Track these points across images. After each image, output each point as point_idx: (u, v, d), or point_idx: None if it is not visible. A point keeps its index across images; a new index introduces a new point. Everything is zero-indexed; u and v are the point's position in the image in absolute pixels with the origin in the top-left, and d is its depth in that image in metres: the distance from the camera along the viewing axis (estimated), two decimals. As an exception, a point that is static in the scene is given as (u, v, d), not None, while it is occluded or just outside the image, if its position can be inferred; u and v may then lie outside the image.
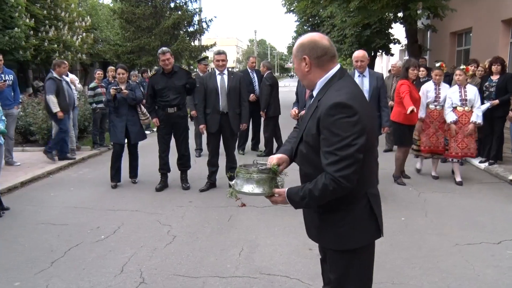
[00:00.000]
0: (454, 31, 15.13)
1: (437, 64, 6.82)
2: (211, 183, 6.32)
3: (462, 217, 4.99)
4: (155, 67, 7.29)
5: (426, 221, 4.87)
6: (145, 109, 6.73)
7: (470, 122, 6.18)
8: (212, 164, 6.32)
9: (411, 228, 4.64)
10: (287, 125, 9.37)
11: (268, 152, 8.55)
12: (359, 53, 5.62)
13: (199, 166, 7.25)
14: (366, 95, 5.24)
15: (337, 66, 2.11)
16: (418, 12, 13.22)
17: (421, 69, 7.95)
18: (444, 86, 6.52)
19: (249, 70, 8.90)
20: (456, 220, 4.89)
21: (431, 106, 6.48)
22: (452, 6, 12.90)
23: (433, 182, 6.46)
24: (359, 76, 5.58)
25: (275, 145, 8.77)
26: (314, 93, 2.14)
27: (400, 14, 15.00)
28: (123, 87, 6.44)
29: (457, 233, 4.51)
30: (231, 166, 6.56)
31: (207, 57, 9.44)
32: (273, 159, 2.29)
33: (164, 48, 6.12)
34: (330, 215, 2.13)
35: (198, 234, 4.61)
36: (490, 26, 12.26)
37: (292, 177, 2.41)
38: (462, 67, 6.48)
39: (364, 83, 5.53)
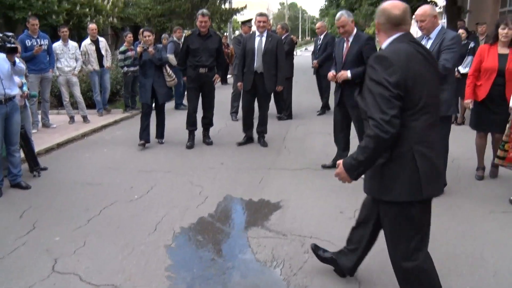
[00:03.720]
0: (498, -10, 14.36)
1: None
2: (248, 138, 6.57)
3: (497, 184, 4.85)
4: (185, 30, 7.55)
5: (459, 187, 4.76)
6: (170, 71, 6.82)
7: None
8: (245, 122, 6.58)
9: (444, 195, 4.53)
10: (305, 88, 9.33)
11: (289, 115, 8.51)
12: (417, 11, 4.31)
13: (233, 130, 7.28)
14: None
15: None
16: (459, -30, 12.58)
17: (460, 30, 7.59)
18: None
19: None
20: (492, 188, 4.76)
21: None
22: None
23: (468, 150, 6.14)
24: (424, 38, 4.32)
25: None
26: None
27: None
28: (150, 49, 6.47)
29: (492, 200, 4.39)
30: (261, 130, 6.59)
31: (251, 19, 9.36)
32: None
33: (204, 10, 6.42)
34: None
35: (230, 195, 4.67)
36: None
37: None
38: None
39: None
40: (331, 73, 5.12)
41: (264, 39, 6.26)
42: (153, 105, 6.77)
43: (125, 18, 23.07)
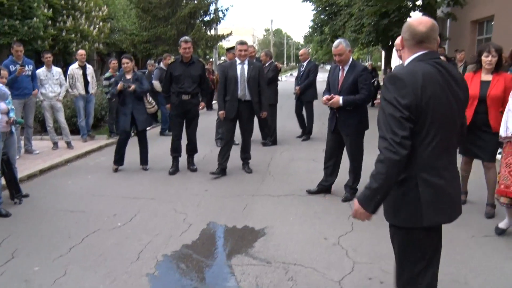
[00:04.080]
0: (475, 19, 14.83)
1: None
2: (222, 169, 6.39)
3: (478, 209, 4.90)
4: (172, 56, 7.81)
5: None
6: (151, 98, 6.94)
7: None
8: (223, 154, 6.39)
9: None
10: (289, 114, 9.43)
11: (274, 141, 8.53)
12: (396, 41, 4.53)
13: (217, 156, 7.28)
14: None
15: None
16: (438, 0, 13.00)
17: (441, 58, 7.76)
18: None
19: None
20: (473, 212, 4.81)
21: None
22: (473, -7, 12.63)
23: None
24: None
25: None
26: None
27: (419, 2, 14.76)
28: (128, 76, 6.59)
29: (474, 225, 4.44)
30: (245, 156, 6.58)
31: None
32: None
33: (186, 37, 6.49)
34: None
35: (214, 222, 4.64)
36: (513, 14, 11.98)
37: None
38: None
39: None
40: (326, 97, 5.06)
41: (246, 66, 6.26)
42: (134, 131, 6.79)
43: (111, 44, 23.19)
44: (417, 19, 2.25)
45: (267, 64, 8.38)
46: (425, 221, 2.16)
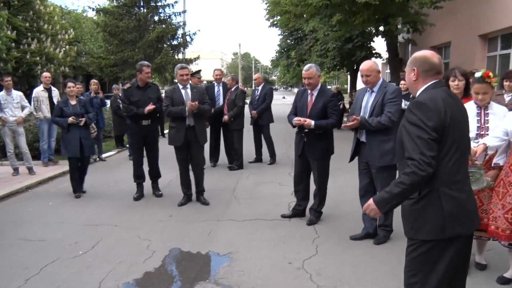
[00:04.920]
0: (434, 45, 15.45)
1: (478, 74, 3.84)
2: (188, 196, 6.27)
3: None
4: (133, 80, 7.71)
5: (405, 233, 4.89)
6: (93, 123, 7.04)
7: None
8: (184, 182, 6.26)
9: (392, 242, 4.66)
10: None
11: (240, 165, 8.50)
12: (363, 66, 4.57)
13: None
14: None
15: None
16: (398, 27, 13.48)
17: (402, 82, 7.98)
18: (498, 110, 3.91)
19: (215, 84, 8.73)
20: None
21: (472, 145, 3.44)
22: (431, 21, 13.18)
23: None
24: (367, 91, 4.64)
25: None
26: None
27: (381, 28, 15.28)
28: (73, 102, 6.56)
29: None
30: (199, 190, 6.30)
31: (200, 71, 9.47)
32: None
33: (147, 62, 6.52)
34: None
35: (178, 249, 4.57)
36: (468, 41, 12.58)
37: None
38: (478, 73, 3.83)
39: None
40: (298, 118, 5.01)
41: (189, 91, 6.08)
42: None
43: (77, 67, 22.94)
44: (427, 53, 2.49)
45: (233, 89, 8.44)
46: (448, 232, 2.29)
